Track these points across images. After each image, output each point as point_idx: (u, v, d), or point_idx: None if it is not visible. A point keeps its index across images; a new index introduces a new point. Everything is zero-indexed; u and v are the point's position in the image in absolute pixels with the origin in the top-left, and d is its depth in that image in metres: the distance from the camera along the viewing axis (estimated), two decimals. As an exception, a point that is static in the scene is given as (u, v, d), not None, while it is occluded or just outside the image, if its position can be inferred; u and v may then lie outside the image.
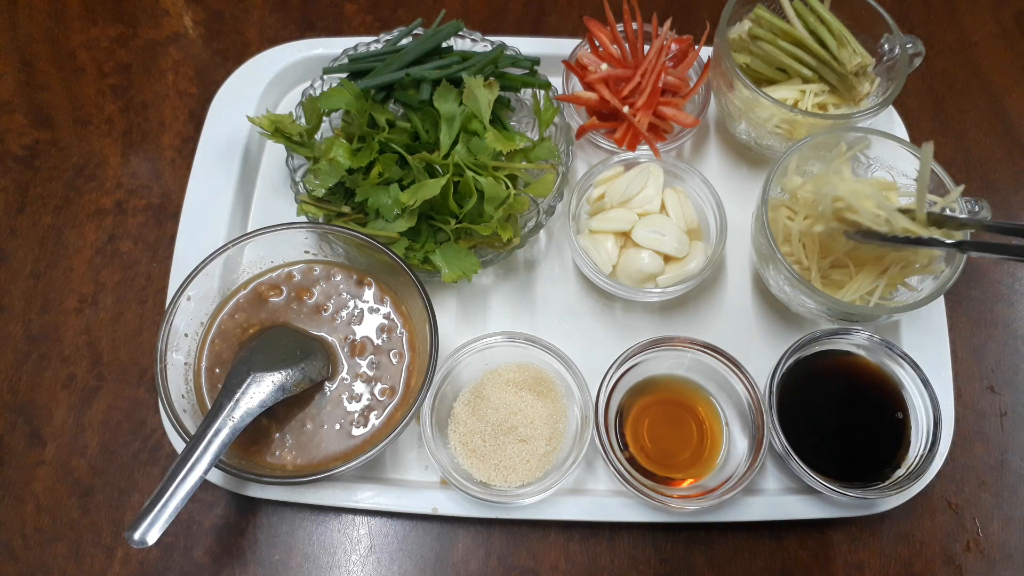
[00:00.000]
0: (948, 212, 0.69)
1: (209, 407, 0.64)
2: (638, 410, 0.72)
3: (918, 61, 0.78)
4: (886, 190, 0.70)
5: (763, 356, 0.73)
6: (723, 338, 0.73)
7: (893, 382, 0.70)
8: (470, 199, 0.70)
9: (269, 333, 0.67)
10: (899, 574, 0.72)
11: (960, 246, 0.53)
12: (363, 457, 0.61)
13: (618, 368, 0.68)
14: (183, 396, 0.64)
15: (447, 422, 0.70)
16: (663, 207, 0.76)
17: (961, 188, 0.70)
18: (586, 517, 0.69)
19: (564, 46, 0.85)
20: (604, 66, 0.81)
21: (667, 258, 0.74)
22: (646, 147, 0.78)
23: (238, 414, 0.60)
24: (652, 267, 0.73)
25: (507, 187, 0.70)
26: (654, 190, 0.75)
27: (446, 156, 0.72)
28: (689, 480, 0.69)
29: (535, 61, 0.81)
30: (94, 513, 0.72)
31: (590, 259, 0.73)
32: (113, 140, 0.89)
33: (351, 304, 0.70)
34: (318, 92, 0.80)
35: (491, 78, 0.73)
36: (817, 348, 0.71)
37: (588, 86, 0.81)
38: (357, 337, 0.69)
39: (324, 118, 0.76)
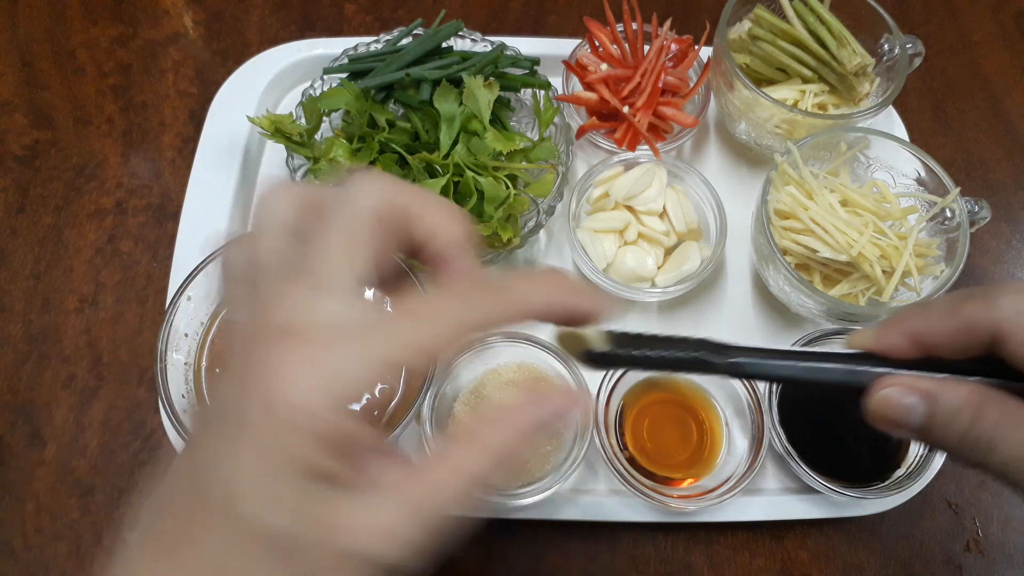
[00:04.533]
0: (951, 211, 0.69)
1: (209, 407, 0.64)
2: (638, 410, 0.72)
3: (918, 61, 0.78)
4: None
5: (763, 356, 0.73)
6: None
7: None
8: (470, 199, 0.70)
9: (269, 333, 0.67)
10: (899, 574, 0.72)
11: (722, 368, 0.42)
12: (363, 457, 0.61)
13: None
14: (183, 396, 0.64)
15: (447, 422, 0.70)
16: (664, 210, 0.76)
17: (959, 189, 0.70)
18: (586, 517, 0.69)
19: (564, 46, 0.85)
20: (604, 66, 0.81)
21: (668, 252, 0.75)
22: (646, 147, 0.78)
23: (238, 414, 0.60)
24: (643, 269, 0.73)
25: (507, 187, 0.70)
26: (657, 190, 0.75)
27: (446, 156, 0.72)
28: (689, 480, 0.69)
29: (535, 61, 0.81)
30: (94, 513, 0.72)
31: (587, 255, 0.73)
32: (113, 140, 0.89)
33: (351, 304, 0.70)
34: (318, 92, 0.80)
35: (491, 78, 0.73)
36: (817, 348, 0.71)
37: (588, 86, 0.81)
38: (357, 337, 0.69)
39: (324, 118, 0.76)
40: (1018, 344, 0.33)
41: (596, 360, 0.39)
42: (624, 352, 0.39)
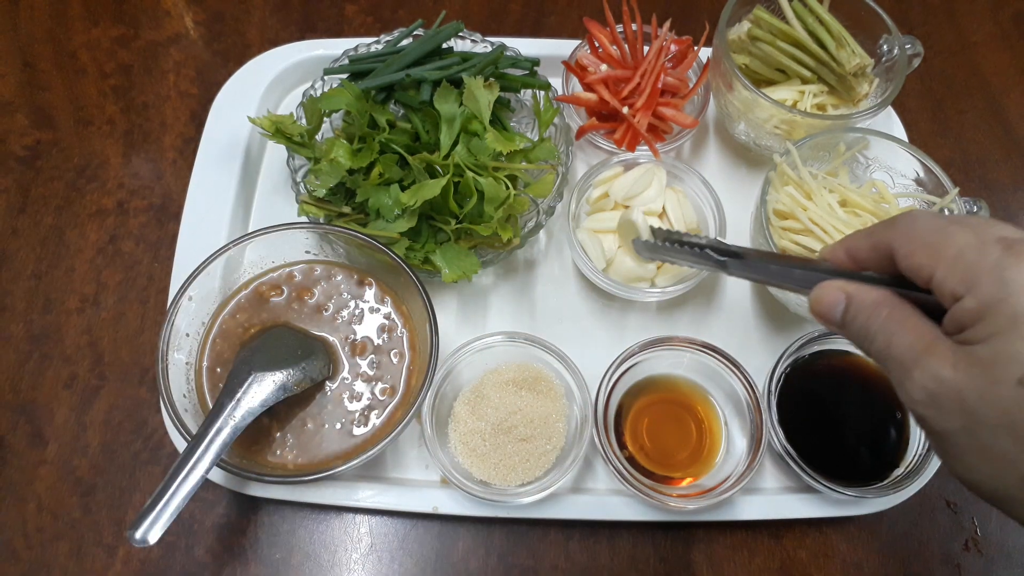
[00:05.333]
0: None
1: (210, 406, 0.65)
2: (637, 410, 0.72)
3: (917, 62, 0.78)
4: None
5: (762, 356, 0.74)
6: (722, 338, 0.73)
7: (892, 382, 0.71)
8: (470, 199, 0.70)
9: (270, 333, 0.68)
10: (898, 573, 0.72)
11: (725, 266, 0.50)
12: (364, 456, 0.61)
13: (617, 368, 0.69)
14: (184, 396, 0.64)
15: (447, 421, 0.70)
16: (664, 210, 0.76)
17: (957, 189, 0.70)
18: (586, 516, 0.69)
19: (564, 47, 0.86)
20: (604, 67, 0.81)
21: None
22: (645, 148, 0.78)
23: (239, 413, 0.60)
24: (640, 269, 0.73)
25: (507, 187, 0.70)
26: (656, 191, 0.76)
27: (446, 156, 0.72)
28: (688, 479, 0.69)
29: (535, 62, 0.81)
30: (95, 512, 0.72)
31: (586, 255, 0.73)
32: (114, 141, 0.89)
33: (352, 304, 0.70)
34: (319, 93, 0.80)
35: (491, 79, 0.73)
36: (816, 348, 0.71)
37: (588, 87, 0.81)
38: (358, 337, 0.69)
39: (325, 119, 0.76)
40: (901, 257, 0.40)
41: (640, 246, 0.55)
42: (658, 242, 0.54)
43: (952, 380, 0.36)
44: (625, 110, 0.79)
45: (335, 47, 0.85)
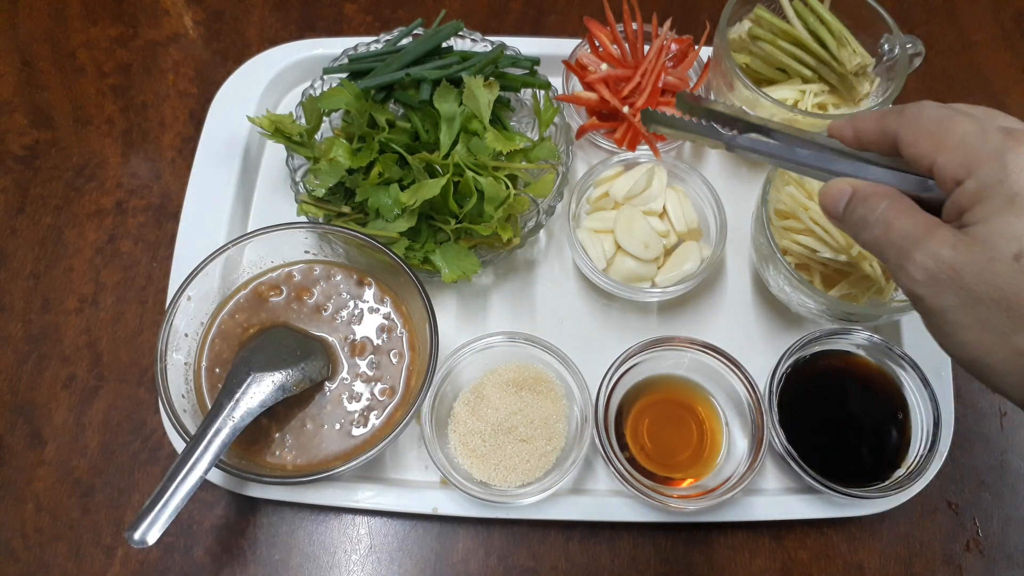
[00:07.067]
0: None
1: (209, 407, 0.64)
2: (638, 410, 0.72)
3: (918, 61, 0.78)
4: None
5: (763, 356, 0.73)
6: (723, 338, 0.73)
7: (893, 382, 0.70)
8: (470, 199, 0.70)
9: (269, 333, 0.67)
10: (899, 574, 0.72)
11: (732, 140, 0.51)
12: (363, 457, 0.61)
13: (618, 368, 0.68)
14: (183, 396, 0.64)
15: (447, 422, 0.70)
16: (664, 210, 0.76)
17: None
18: (586, 517, 0.69)
19: (564, 46, 0.85)
20: (604, 66, 0.81)
21: (668, 252, 0.75)
22: (646, 147, 0.78)
23: (238, 414, 0.60)
24: (640, 269, 0.73)
25: (507, 187, 0.70)
26: (657, 190, 0.75)
27: (446, 156, 0.72)
28: (689, 480, 0.69)
29: (535, 61, 0.81)
30: (94, 513, 0.72)
31: (586, 255, 0.73)
32: (113, 140, 0.89)
33: (351, 304, 0.70)
34: (318, 92, 0.80)
35: (491, 78, 0.73)
36: (817, 348, 0.71)
37: (588, 86, 0.81)
38: (357, 337, 0.69)
39: (324, 118, 0.76)
40: (905, 144, 0.43)
41: (645, 116, 0.56)
42: (662, 113, 0.55)
43: (951, 258, 0.39)
44: (626, 109, 0.78)
45: (334, 46, 0.85)
